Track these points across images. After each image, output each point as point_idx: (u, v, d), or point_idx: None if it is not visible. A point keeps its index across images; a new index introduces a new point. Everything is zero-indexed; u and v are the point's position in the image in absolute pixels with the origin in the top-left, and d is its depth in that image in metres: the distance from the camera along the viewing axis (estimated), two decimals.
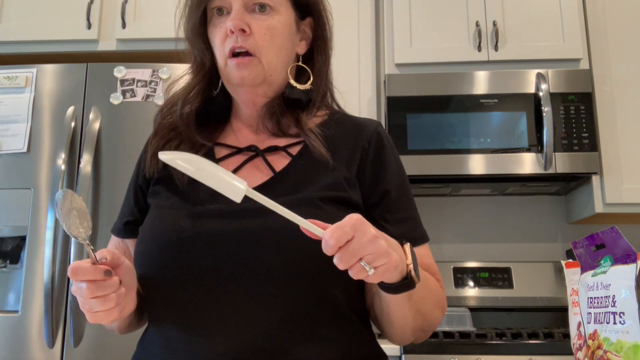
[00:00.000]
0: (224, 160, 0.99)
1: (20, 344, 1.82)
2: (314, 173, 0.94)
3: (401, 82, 2.23)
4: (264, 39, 0.94)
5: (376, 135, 1.00)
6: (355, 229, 0.71)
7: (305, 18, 1.03)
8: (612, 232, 0.81)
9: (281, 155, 0.98)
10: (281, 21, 0.97)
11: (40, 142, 1.98)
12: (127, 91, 2.02)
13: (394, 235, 0.83)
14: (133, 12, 2.29)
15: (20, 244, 1.90)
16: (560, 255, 2.44)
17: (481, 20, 2.27)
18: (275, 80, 0.99)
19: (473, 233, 2.51)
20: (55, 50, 2.29)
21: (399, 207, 0.97)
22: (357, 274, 0.72)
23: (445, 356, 1.75)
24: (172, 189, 0.96)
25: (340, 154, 0.97)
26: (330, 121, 1.03)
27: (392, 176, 0.99)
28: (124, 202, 1.05)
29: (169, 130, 1.00)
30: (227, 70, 0.96)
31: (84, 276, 0.75)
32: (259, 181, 0.94)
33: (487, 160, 2.14)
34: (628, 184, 2.15)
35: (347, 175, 0.95)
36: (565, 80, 2.18)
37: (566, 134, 2.13)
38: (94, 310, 0.77)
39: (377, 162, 0.98)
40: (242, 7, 0.94)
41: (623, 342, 0.74)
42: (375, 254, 0.71)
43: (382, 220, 0.94)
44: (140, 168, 1.03)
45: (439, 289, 0.96)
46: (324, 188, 0.92)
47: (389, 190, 0.97)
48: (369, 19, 2.37)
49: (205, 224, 0.89)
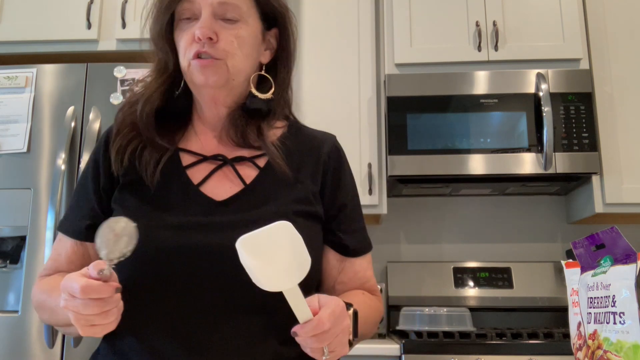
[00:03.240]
0: (191, 167, 0.98)
1: (20, 344, 1.82)
2: (282, 186, 0.97)
3: (401, 82, 2.23)
4: (231, 46, 0.95)
5: (335, 150, 1.05)
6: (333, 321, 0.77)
7: (271, 29, 1.05)
8: (612, 232, 0.81)
9: (248, 166, 0.99)
10: (248, 31, 0.98)
11: (40, 142, 1.98)
12: (127, 91, 2.02)
13: (348, 244, 1.01)
14: (133, 12, 2.29)
15: (20, 244, 1.90)
16: (560, 255, 2.44)
17: (481, 20, 2.27)
18: (238, 85, 0.99)
19: (473, 233, 2.51)
20: (55, 50, 2.29)
21: (353, 218, 1.04)
22: (313, 353, 0.79)
23: (445, 356, 1.75)
24: (141, 194, 0.95)
25: (305, 167, 1.00)
26: (290, 133, 1.05)
27: (348, 190, 1.05)
28: (78, 202, 1.01)
29: (129, 130, 0.99)
30: (191, 71, 0.96)
31: (97, 294, 0.73)
32: (229, 192, 0.95)
33: (487, 160, 2.14)
34: (628, 184, 2.15)
35: (314, 190, 1.00)
36: (565, 80, 2.18)
37: (566, 134, 2.13)
38: (93, 324, 0.75)
39: (336, 177, 1.03)
40: (211, 16, 0.95)
41: (623, 342, 0.74)
42: (338, 345, 0.79)
43: (338, 231, 1.01)
44: (98, 168, 1.00)
45: (376, 307, 1.04)
46: (296, 201, 0.95)
47: (346, 204, 1.03)
48: (369, 19, 2.37)
49: (185, 236, 0.88)
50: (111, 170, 0.98)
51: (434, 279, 2.35)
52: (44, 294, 0.95)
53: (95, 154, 1.02)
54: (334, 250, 1.02)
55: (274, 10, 1.03)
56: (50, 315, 0.95)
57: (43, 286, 0.97)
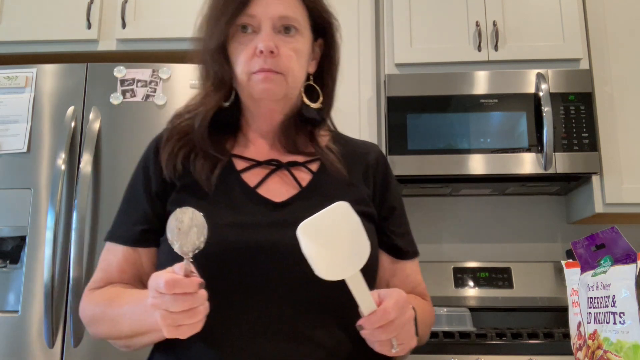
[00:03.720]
0: (245, 172, 0.99)
1: (20, 344, 1.82)
2: (338, 188, 0.99)
3: (401, 82, 2.23)
4: (290, 60, 0.96)
5: (381, 156, 1.11)
6: (398, 310, 0.78)
7: (318, 39, 1.06)
8: (612, 232, 0.81)
9: (301, 170, 1.01)
10: (304, 43, 1.00)
11: (40, 142, 1.98)
12: (127, 91, 2.02)
13: (400, 246, 1.03)
14: (133, 12, 2.29)
15: (20, 244, 1.90)
16: (560, 255, 2.44)
17: (481, 20, 2.27)
18: (293, 97, 1.02)
19: (473, 233, 2.51)
20: (55, 50, 2.29)
21: (402, 222, 1.09)
22: (381, 347, 0.79)
23: (445, 356, 1.75)
24: (199, 195, 0.94)
25: (354, 171, 1.03)
26: (335, 141, 1.08)
27: (396, 194, 1.09)
28: (130, 209, 1.00)
29: (179, 137, 0.99)
30: (251, 84, 0.97)
31: (181, 289, 0.72)
32: (286, 195, 0.96)
33: (487, 160, 2.14)
34: (628, 184, 2.15)
35: (367, 192, 1.02)
36: (565, 80, 2.18)
37: (566, 134, 2.13)
38: (180, 323, 0.74)
39: (384, 181, 1.07)
40: (272, 29, 0.96)
41: (623, 342, 0.74)
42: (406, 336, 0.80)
43: (390, 233, 1.04)
44: (149, 174, 1.00)
45: (430, 311, 1.06)
46: (353, 202, 0.93)
47: (395, 207, 1.07)
48: (369, 19, 2.37)
49: (250, 234, 0.88)
50: (163, 175, 0.97)
51: (433, 278, 2.34)
52: (101, 305, 0.94)
53: (144, 162, 1.02)
54: (386, 253, 1.04)
55: (323, 21, 1.05)
56: (110, 326, 0.92)
57: (97, 298, 0.96)
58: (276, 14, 0.96)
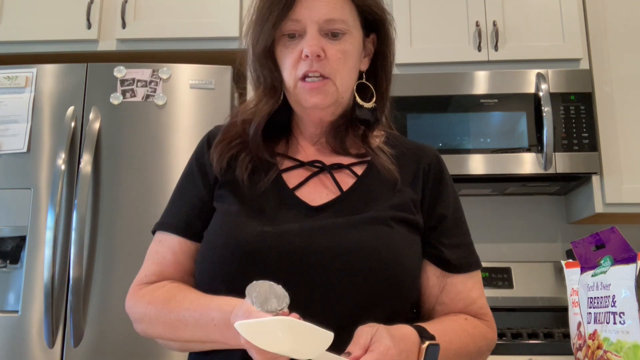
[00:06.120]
0: (287, 172, 0.97)
1: (20, 344, 1.82)
2: (380, 193, 0.95)
3: (401, 82, 2.22)
4: (338, 63, 0.93)
5: (436, 160, 1.03)
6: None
7: (370, 35, 1.02)
8: (612, 232, 0.81)
9: (346, 173, 0.97)
10: (353, 43, 0.96)
11: (40, 142, 1.98)
12: (127, 91, 2.02)
13: (450, 259, 0.95)
14: (133, 12, 2.29)
15: (20, 244, 1.90)
16: (560, 255, 2.44)
17: (481, 20, 2.27)
18: (344, 100, 0.98)
19: (473, 233, 2.48)
20: (55, 50, 2.29)
21: (454, 232, 1.00)
22: None
23: None
24: (236, 194, 0.94)
25: (405, 174, 0.98)
26: (389, 142, 1.03)
27: (450, 202, 1.01)
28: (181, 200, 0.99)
29: (230, 139, 0.98)
30: (297, 92, 0.94)
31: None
32: (324, 199, 0.93)
33: (487, 160, 2.14)
34: (628, 184, 2.15)
35: (414, 197, 0.97)
36: (565, 80, 2.18)
37: (566, 134, 2.13)
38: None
39: (437, 187, 1.00)
40: (317, 32, 0.93)
41: (623, 342, 0.74)
42: None
43: (438, 244, 0.97)
44: (205, 166, 0.99)
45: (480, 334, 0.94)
46: (393, 208, 0.92)
47: (446, 215, 0.99)
48: None
49: (276, 241, 0.86)
50: (213, 168, 0.97)
51: None
52: (156, 306, 0.90)
53: (198, 154, 1.01)
54: (434, 266, 0.96)
55: (375, 17, 1.00)
56: (167, 330, 0.89)
57: (150, 296, 0.92)
58: (322, 16, 0.92)
